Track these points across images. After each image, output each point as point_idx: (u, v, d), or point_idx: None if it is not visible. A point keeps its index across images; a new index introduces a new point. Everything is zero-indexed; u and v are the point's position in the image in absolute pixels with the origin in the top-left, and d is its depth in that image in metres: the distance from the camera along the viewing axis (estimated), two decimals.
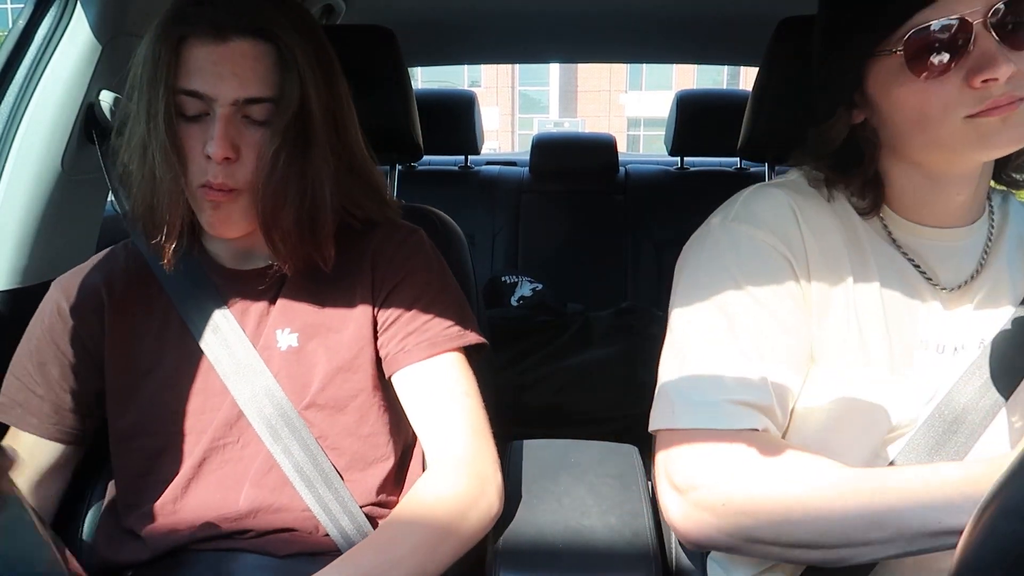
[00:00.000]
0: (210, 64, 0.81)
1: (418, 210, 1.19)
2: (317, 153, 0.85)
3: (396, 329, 0.93)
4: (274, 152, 0.82)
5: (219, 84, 0.81)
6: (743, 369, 0.77)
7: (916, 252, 0.83)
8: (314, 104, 0.84)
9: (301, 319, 0.93)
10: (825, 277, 0.80)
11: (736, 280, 0.80)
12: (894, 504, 0.68)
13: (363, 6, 1.90)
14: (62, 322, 0.93)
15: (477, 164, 2.82)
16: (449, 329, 0.93)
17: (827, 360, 0.80)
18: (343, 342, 0.92)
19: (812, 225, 0.82)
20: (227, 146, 0.81)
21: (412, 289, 0.93)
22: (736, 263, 0.81)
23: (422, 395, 0.92)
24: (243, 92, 0.81)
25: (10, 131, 1.10)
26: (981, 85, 0.71)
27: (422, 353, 0.91)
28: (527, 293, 2.20)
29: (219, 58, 0.81)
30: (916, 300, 0.82)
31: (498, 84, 28.76)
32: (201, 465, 0.90)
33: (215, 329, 0.91)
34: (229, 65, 0.81)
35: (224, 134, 0.81)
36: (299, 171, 0.84)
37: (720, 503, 0.74)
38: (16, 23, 1.11)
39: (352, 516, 0.90)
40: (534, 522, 0.86)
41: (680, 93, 2.64)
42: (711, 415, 0.76)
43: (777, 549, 0.74)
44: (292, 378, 0.91)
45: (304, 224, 0.86)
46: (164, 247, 0.87)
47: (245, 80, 0.81)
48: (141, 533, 0.89)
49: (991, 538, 0.38)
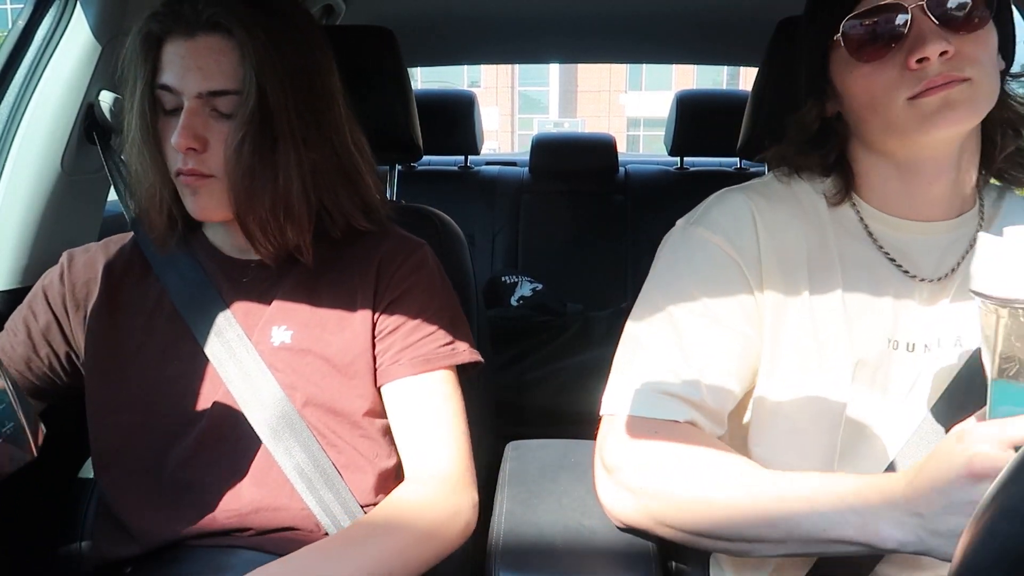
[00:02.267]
0: (179, 59, 0.85)
1: (418, 210, 1.19)
2: (284, 145, 0.87)
3: (392, 341, 0.94)
4: (238, 142, 0.85)
5: (185, 77, 0.85)
6: (680, 367, 0.80)
7: (894, 246, 0.83)
8: (273, 97, 0.86)
9: (297, 317, 0.93)
10: (779, 284, 0.82)
11: (687, 285, 0.83)
12: (788, 509, 0.70)
13: (363, 6, 1.90)
14: (59, 284, 0.97)
15: (477, 164, 2.82)
16: (443, 347, 0.94)
17: (785, 366, 0.81)
18: (339, 344, 0.92)
19: (771, 230, 0.83)
20: (189, 136, 0.85)
21: (412, 304, 0.95)
22: (689, 269, 0.84)
23: (408, 410, 0.93)
24: (206, 85, 0.85)
25: (10, 131, 1.10)
26: (916, 66, 0.73)
27: (414, 368, 0.93)
28: (527, 293, 2.20)
29: (186, 53, 0.85)
30: (887, 297, 0.82)
31: (498, 84, 28.76)
32: (196, 457, 0.90)
33: (208, 320, 0.92)
34: (194, 59, 0.85)
35: (187, 124, 0.85)
36: (267, 161, 0.87)
37: (638, 486, 0.78)
38: (16, 23, 1.11)
39: (353, 516, 0.90)
40: (534, 522, 0.86)
41: (680, 93, 2.64)
42: (641, 403, 0.80)
43: (683, 535, 0.77)
44: (282, 373, 0.91)
45: (278, 213, 0.88)
46: (160, 236, 0.92)
47: (209, 73, 0.85)
48: (139, 528, 0.89)
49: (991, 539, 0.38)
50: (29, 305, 0.97)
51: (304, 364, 0.92)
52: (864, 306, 0.82)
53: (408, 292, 0.95)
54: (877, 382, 0.81)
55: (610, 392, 0.84)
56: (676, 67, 23.88)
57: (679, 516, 0.76)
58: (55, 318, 0.96)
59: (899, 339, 0.81)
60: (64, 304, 0.96)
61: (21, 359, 0.95)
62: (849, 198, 0.85)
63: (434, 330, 0.94)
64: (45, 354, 0.96)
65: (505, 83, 29.17)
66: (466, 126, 2.62)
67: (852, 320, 0.81)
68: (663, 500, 0.77)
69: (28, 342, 0.95)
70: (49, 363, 0.96)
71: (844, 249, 0.83)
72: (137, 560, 0.90)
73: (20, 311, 0.98)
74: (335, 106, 0.93)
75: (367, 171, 0.96)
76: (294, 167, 0.88)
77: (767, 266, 0.82)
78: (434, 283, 0.98)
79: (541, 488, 0.93)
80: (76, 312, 0.96)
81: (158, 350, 0.93)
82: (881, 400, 0.81)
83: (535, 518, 0.87)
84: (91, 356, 0.95)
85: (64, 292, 0.96)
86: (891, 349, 0.81)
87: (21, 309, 0.98)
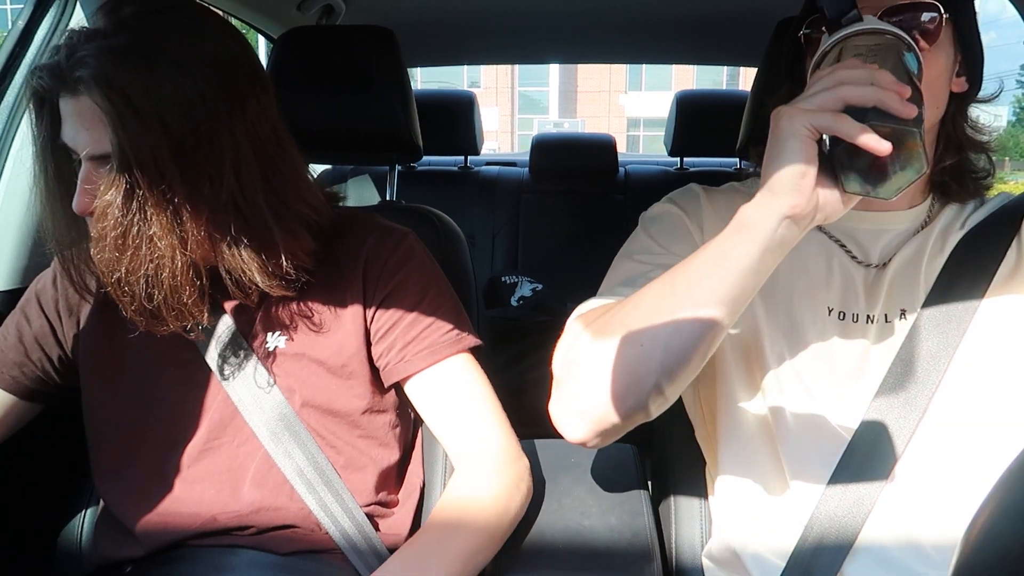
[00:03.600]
0: (70, 118, 0.78)
1: (418, 211, 1.19)
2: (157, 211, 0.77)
3: (394, 338, 0.92)
4: (102, 211, 0.76)
5: (76, 139, 0.78)
6: (631, 271, 0.84)
7: (845, 233, 0.88)
8: (136, 159, 0.74)
9: (289, 322, 0.92)
10: None
11: (643, 238, 0.90)
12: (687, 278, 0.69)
13: (363, 6, 1.90)
14: (52, 288, 0.96)
15: (477, 164, 2.82)
16: (447, 334, 0.93)
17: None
18: (332, 346, 0.92)
19: (718, 208, 0.90)
20: (82, 202, 0.78)
21: (407, 297, 0.93)
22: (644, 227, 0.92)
23: (437, 401, 0.93)
24: (92, 149, 0.77)
25: (10, 131, 1.10)
26: None
27: (424, 362, 0.91)
28: (527, 293, 2.20)
29: (73, 111, 0.77)
30: (834, 275, 0.86)
31: (498, 84, 28.76)
32: (197, 460, 0.90)
33: (210, 327, 0.91)
34: (80, 120, 0.77)
35: (80, 190, 0.78)
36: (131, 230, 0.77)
37: (566, 357, 0.76)
38: (16, 23, 1.12)
39: (352, 516, 0.90)
40: (534, 522, 0.86)
41: (680, 94, 2.64)
42: (587, 304, 0.81)
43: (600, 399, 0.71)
44: (279, 377, 0.91)
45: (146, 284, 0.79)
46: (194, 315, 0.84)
47: (93, 136, 0.77)
48: (139, 528, 0.89)
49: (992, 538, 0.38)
50: (22, 309, 0.97)
51: (300, 368, 0.91)
52: (807, 279, 0.86)
53: (400, 287, 0.93)
54: (820, 354, 0.84)
55: None
56: (676, 67, 23.89)
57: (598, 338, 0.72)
58: (48, 323, 0.95)
59: (844, 311, 0.85)
60: (57, 309, 0.95)
61: (13, 363, 0.94)
62: None
63: (434, 320, 0.93)
64: (38, 358, 0.95)
65: (505, 83, 29.18)
66: (466, 126, 2.62)
67: (795, 291, 0.86)
68: (576, 361, 0.74)
69: (20, 346, 0.94)
70: (42, 367, 0.95)
71: None
72: (137, 560, 0.90)
73: (13, 315, 0.97)
74: (232, 135, 0.80)
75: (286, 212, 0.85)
76: (167, 232, 0.78)
77: (707, 224, 0.88)
78: (425, 272, 0.96)
79: (541, 488, 0.93)
80: (69, 317, 0.95)
81: (156, 355, 0.92)
82: (828, 374, 0.83)
83: (535, 518, 0.87)
84: (87, 362, 0.94)
85: (57, 297, 0.96)
86: (835, 319, 0.85)
87: (14, 313, 0.97)
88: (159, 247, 0.78)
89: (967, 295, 0.82)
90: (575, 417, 0.74)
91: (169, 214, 0.77)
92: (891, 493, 0.80)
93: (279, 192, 0.84)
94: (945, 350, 0.81)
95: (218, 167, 0.79)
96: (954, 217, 0.88)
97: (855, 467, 0.81)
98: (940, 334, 0.81)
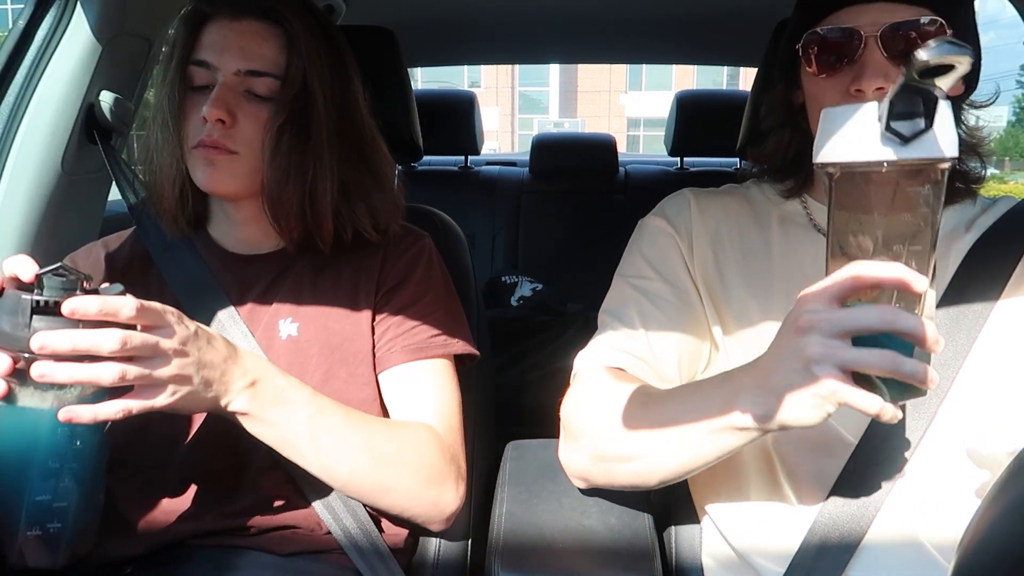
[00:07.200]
0: (220, 39, 0.89)
1: (418, 211, 1.19)
2: (320, 136, 0.90)
3: (387, 328, 0.95)
4: (278, 127, 0.88)
5: (224, 55, 0.88)
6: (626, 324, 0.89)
7: None
8: (317, 89, 0.89)
9: (303, 309, 0.93)
10: (706, 255, 0.92)
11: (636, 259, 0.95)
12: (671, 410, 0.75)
13: (363, 6, 1.90)
14: None
15: (477, 164, 2.82)
16: (436, 337, 0.95)
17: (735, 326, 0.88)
18: (344, 333, 0.93)
19: (705, 215, 0.94)
20: (222, 109, 0.86)
21: (408, 294, 0.95)
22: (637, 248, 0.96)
23: (400, 396, 0.94)
24: (246, 64, 0.88)
25: (10, 131, 1.10)
26: (856, 93, 0.78)
27: (406, 356, 0.93)
28: (527, 293, 2.20)
29: (229, 33, 0.89)
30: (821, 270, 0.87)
31: (498, 84, 28.77)
32: (198, 459, 0.90)
33: (211, 315, 0.92)
34: (237, 40, 0.88)
35: (220, 96, 0.86)
36: (302, 150, 0.89)
37: (571, 426, 0.85)
38: (16, 23, 1.12)
39: (355, 514, 0.90)
40: (534, 522, 0.86)
41: (680, 94, 2.64)
42: (591, 358, 0.89)
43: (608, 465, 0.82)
44: (289, 367, 0.91)
45: (306, 201, 0.90)
46: (170, 213, 0.93)
47: (250, 54, 0.88)
48: (140, 527, 0.89)
49: (991, 539, 0.38)
50: None
51: (311, 356, 0.92)
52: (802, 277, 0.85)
53: (405, 281, 0.96)
54: None
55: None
56: (676, 67, 23.89)
57: (602, 445, 0.81)
58: None
59: None
60: None
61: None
62: (800, 196, 0.93)
63: (428, 320, 0.95)
64: None
65: (505, 83, 29.19)
66: (466, 126, 2.62)
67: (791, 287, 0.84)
68: (590, 433, 0.83)
69: None
70: None
71: (787, 233, 0.91)
72: (138, 560, 0.90)
73: None
74: (362, 111, 0.96)
75: (386, 182, 0.98)
76: (327, 158, 0.90)
77: (697, 241, 0.92)
78: (432, 274, 0.99)
79: (541, 488, 0.93)
80: None
81: None
82: None
83: (535, 518, 0.87)
84: None
85: None
86: None
87: None
88: (321, 169, 0.90)
89: (980, 300, 0.81)
90: (578, 481, 0.89)
91: (327, 141, 0.90)
92: (897, 497, 0.79)
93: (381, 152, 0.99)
94: (956, 356, 0.80)
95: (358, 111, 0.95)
96: (957, 220, 0.88)
97: (860, 472, 0.80)
98: (951, 340, 0.80)
